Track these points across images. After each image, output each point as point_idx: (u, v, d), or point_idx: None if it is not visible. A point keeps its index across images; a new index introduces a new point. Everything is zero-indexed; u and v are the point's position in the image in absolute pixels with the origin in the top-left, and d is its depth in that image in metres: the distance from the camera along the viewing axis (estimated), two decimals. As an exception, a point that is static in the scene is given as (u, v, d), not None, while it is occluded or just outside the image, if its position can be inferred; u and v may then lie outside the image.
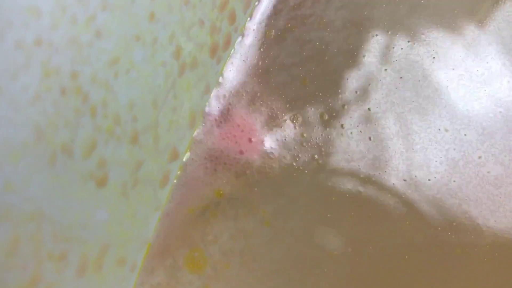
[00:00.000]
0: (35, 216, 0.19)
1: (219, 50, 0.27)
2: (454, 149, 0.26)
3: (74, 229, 0.21)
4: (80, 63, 0.20)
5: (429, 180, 0.26)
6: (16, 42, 0.17)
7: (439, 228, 0.25)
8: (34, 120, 0.18)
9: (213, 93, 0.28)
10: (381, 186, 0.26)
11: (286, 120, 0.27)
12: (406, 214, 0.26)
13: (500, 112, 0.26)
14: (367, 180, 0.26)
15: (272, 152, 0.27)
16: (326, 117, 0.27)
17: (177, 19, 0.24)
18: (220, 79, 0.28)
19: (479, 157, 0.26)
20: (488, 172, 0.26)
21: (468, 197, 0.26)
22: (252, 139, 0.27)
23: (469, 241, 0.25)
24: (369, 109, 0.27)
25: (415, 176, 0.26)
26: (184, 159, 0.27)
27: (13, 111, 0.18)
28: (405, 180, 0.26)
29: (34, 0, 0.18)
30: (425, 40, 0.27)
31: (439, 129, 0.26)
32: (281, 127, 0.27)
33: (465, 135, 0.26)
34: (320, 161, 0.27)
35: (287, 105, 0.27)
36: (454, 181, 0.26)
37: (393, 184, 0.26)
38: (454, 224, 0.25)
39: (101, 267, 0.23)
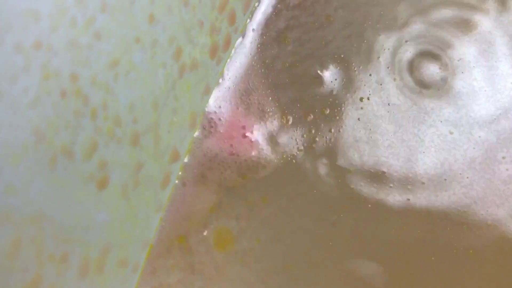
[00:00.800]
0: (36, 218, 0.19)
1: (219, 51, 0.27)
2: (474, 148, 0.26)
3: (75, 231, 0.21)
4: (79, 65, 0.20)
5: (445, 179, 0.26)
6: (16, 45, 0.17)
7: (448, 229, 0.25)
8: (34, 122, 0.19)
9: (213, 94, 0.28)
10: (387, 187, 0.26)
11: (286, 121, 0.27)
12: (412, 215, 0.26)
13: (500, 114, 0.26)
14: (372, 182, 0.26)
15: (273, 153, 0.27)
16: (328, 117, 0.27)
17: (177, 21, 0.24)
18: (220, 80, 0.28)
19: (503, 158, 0.26)
20: (507, 170, 0.25)
21: (477, 195, 0.25)
22: (252, 140, 0.27)
23: (479, 240, 0.25)
24: (367, 109, 0.27)
25: (429, 176, 0.26)
26: (185, 160, 0.27)
27: (13, 114, 0.18)
28: (422, 182, 0.26)
29: (33, 3, 0.18)
30: (426, 39, 0.27)
31: (447, 131, 0.26)
32: (281, 128, 0.27)
33: (479, 136, 0.26)
34: (325, 161, 0.27)
35: (287, 106, 0.27)
36: (467, 177, 0.26)
37: (400, 185, 0.26)
38: (465, 226, 0.25)
39: (103, 269, 0.23)
